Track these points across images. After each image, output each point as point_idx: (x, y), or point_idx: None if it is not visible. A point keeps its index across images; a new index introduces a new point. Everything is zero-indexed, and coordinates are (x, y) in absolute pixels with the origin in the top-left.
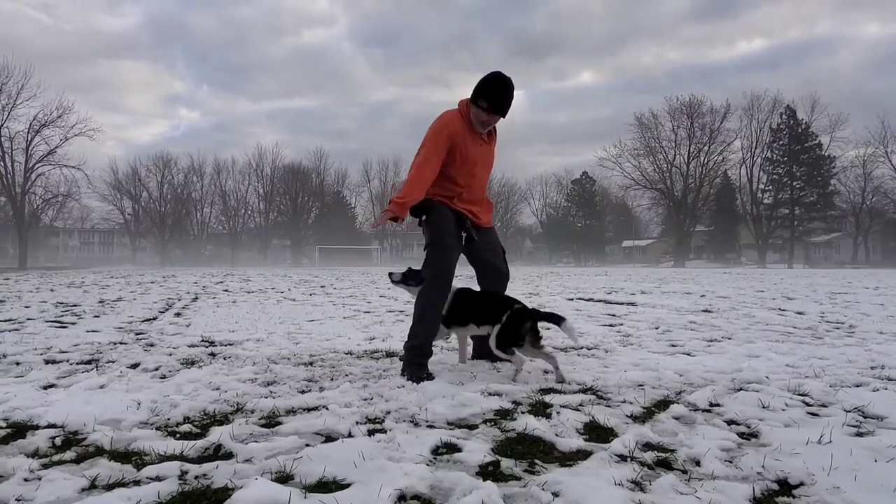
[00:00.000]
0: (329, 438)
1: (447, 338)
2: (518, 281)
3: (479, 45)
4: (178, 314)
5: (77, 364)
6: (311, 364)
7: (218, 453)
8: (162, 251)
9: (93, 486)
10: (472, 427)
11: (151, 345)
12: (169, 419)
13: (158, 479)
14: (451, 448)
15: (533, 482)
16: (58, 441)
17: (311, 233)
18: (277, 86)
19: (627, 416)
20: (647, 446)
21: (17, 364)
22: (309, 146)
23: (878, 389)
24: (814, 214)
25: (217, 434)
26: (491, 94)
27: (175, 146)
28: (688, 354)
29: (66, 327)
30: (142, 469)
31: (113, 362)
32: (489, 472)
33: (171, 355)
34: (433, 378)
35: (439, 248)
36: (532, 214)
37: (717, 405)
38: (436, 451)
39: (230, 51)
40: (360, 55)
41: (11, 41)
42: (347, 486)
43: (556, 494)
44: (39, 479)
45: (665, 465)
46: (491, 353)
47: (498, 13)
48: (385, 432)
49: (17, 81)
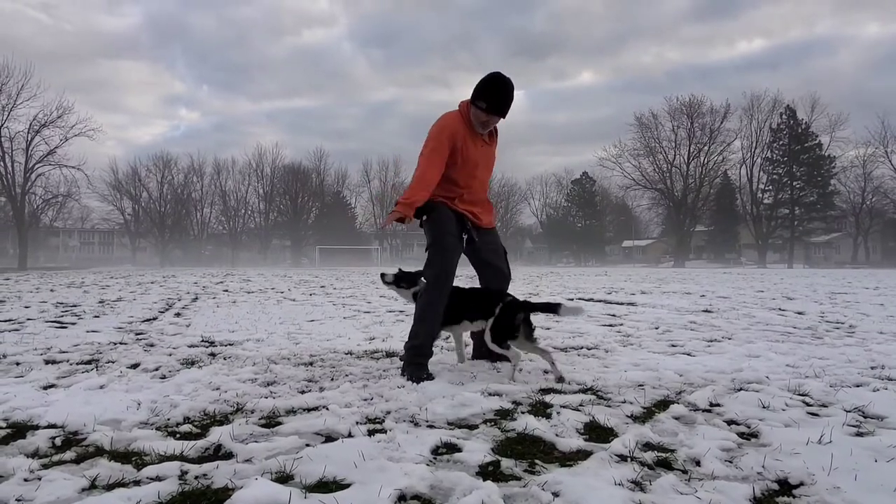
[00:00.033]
0: (329, 438)
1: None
2: (518, 281)
3: (479, 45)
4: (178, 314)
5: (77, 364)
6: (311, 364)
7: (218, 453)
8: (162, 251)
9: (93, 486)
10: (473, 427)
11: (151, 345)
12: (169, 419)
13: (158, 479)
14: (451, 448)
15: (533, 482)
16: (58, 441)
17: (311, 233)
18: (277, 86)
19: (627, 416)
20: (648, 446)
21: (17, 364)
22: (309, 146)
23: (878, 389)
24: (814, 214)
25: (217, 434)
26: (490, 95)
27: (175, 146)
28: (688, 354)
29: (66, 327)
30: (142, 469)
31: (113, 362)
32: (489, 472)
33: (171, 355)
34: (433, 378)
35: (440, 249)
36: (532, 214)
37: (718, 405)
38: (436, 451)
39: (230, 51)
40: (360, 55)
41: (11, 41)
42: (347, 486)
43: (556, 494)
44: (39, 479)
45: (665, 465)
46: (491, 354)
47: (498, 13)
48: (385, 432)
49: (17, 81)
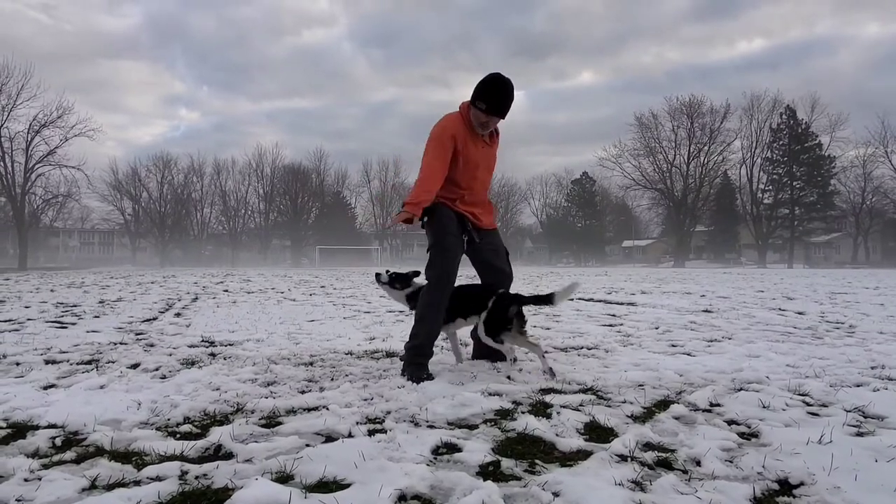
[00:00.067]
0: (329, 438)
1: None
2: (518, 281)
3: (479, 45)
4: (178, 314)
5: (77, 364)
6: (311, 364)
7: (218, 453)
8: (162, 251)
9: (93, 486)
10: (473, 427)
11: (151, 345)
12: (169, 419)
13: (159, 479)
14: (452, 448)
15: (533, 482)
16: (58, 441)
17: (311, 233)
18: (277, 86)
19: (628, 416)
20: (648, 446)
21: (18, 364)
22: (309, 146)
23: (878, 389)
24: (814, 214)
25: (217, 434)
26: (489, 96)
27: (175, 146)
28: (688, 354)
29: (66, 327)
30: (142, 469)
31: (113, 362)
32: (489, 472)
33: (171, 355)
34: (433, 378)
35: (441, 250)
36: (532, 214)
37: (718, 405)
38: (436, 451)
39: (230, 51)
40: (360, 55)
41: (11, 41)
42: (348, 486)
43: (556, 494)
44: (39, 479)
45: (665, 465)
46: (491, 353)
47: (498, 13)
48: (385, 432)
49: (17, 82)
